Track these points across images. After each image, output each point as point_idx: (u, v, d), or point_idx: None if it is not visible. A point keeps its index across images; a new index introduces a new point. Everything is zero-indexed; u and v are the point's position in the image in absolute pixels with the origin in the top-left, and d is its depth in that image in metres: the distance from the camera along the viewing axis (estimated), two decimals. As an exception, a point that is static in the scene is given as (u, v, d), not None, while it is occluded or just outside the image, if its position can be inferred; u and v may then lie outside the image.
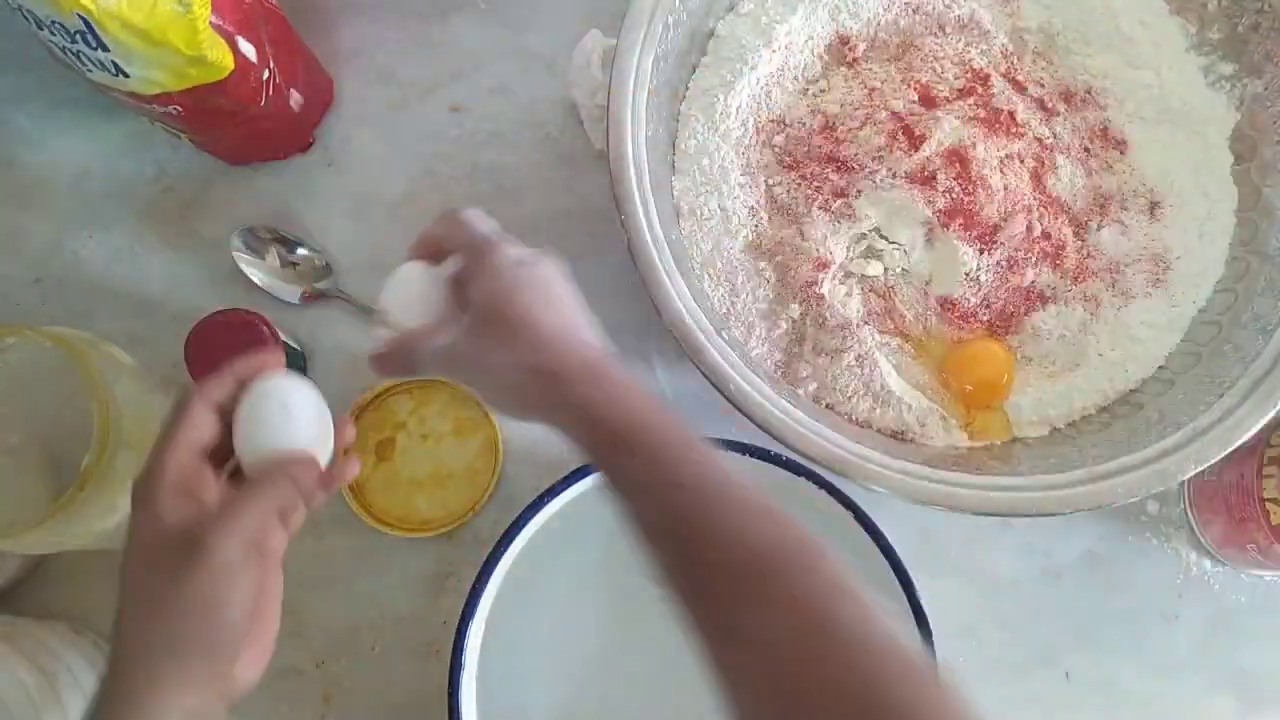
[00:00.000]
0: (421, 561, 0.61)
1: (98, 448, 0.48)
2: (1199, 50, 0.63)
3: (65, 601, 0.60)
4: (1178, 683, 0.63)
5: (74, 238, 0.65)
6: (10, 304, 0.64)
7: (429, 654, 0.60)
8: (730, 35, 0.61)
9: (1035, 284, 0.60)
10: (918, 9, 0.63)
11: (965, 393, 0.59)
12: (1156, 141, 0.63)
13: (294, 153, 0.66)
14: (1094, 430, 0.58)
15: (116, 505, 0.50)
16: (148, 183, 0.66)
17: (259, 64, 0.57)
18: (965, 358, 0.59)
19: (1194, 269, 0.60)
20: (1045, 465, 0.54)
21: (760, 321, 0.59)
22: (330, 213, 0.66)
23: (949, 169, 0.58)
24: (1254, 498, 0.57)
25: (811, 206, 0.59)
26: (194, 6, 0.49)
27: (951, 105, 0.60)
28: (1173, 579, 0.64)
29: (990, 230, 0.58)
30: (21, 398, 0.57)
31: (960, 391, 0.59)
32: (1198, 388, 0.56)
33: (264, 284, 0.63)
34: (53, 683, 0.52)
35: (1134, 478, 0.52)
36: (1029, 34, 0.64)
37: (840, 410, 0.58)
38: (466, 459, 0.62)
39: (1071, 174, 0.61)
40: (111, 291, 0.64)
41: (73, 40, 0.49)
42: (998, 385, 0.59)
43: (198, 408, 0.40)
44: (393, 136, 0.67)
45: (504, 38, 0.68)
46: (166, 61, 0.51)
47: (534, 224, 0.66)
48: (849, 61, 0.63)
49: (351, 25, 0.68)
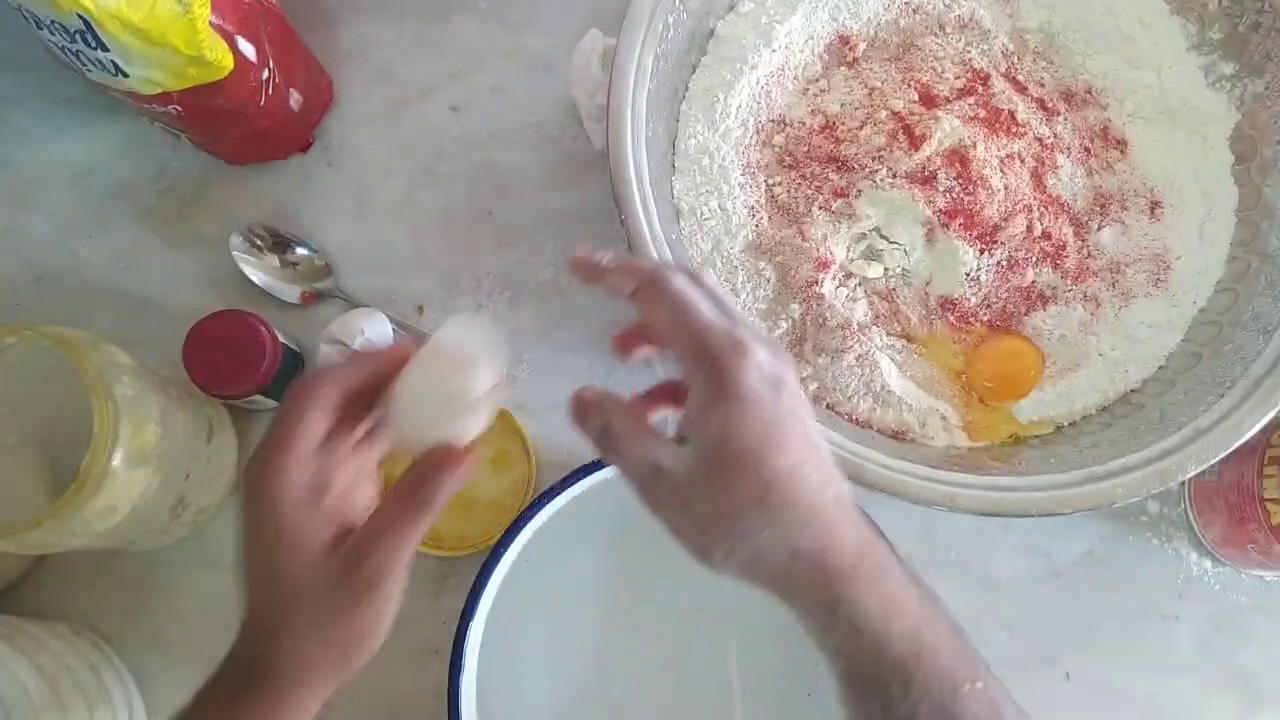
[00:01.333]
0: (421, 562, 0.61)
1: (97, 448, 0.47)
2: (1199, 50, 0.63)
3: (64, 601, 0.60)
4: (1178, 683, 0.63)
5: (74, 238, 0.65)
6: (10, 304, 0.64)
7: (429, 654, 0.60)
8: (730, 35, 0.61)
9: (1036, 284, 0.60)
10: (918, 9, 0.63)
11: (985, 388, 0.59)
12: (1157, 141, 0.62)
13: (294, 153, 0.66)
14: (1094, 430, 0.58)
15: (116, 505, 0.50)
16: (147, 183, 0.66)
17: (258, 64, 0.57)
18: (998, 352, 0.59)
19: (1194, 269, 0.60)
20: (1046, 465, 0.54)
21: (760, 321, 0.59)
22: (330, 213, 0.66)
23: (949, 169, 0.58)
24: (1254, 498, 0.57)
25: (811, 206, 0.58)
26: (194, 6, 0.49)
27: (952, 105, 0.60)
28: (1173, 579, 0.64)
29: (990, 230, 0.58)
30: (21, 398, 0.57)
31: (980, 386, 0.59)
32: (1198, 387, 0.56)
33: (263, 284, 0.63)
34: (52, 683, 0.52)
35: (1134, 478, 0.52)
36: (1029, 34, 0.64)
37: (841, 410, 0.58)
38: (496, 493, 0.61)
39: (1072, 174, 0.61)
40: (111, 291, 0.64)
41: (72, 40, 0.49)
42: (1023, 382, 0.59)
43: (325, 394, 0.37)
44: (393, 136, 0.67)
45: (504, 38, 0.68)
46: (166, 61, 0.51)
47: (534, 224, 0.66)
48: (849, 61, 0.63)
49: (351, 25, 0.68)
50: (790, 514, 0.34)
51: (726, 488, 0.34)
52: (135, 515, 0.52)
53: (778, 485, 0.34)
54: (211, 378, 0.57)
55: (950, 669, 0.34)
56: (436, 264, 0.65)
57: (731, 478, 0.34)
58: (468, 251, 0.65)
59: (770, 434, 0.34)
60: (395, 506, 0.37)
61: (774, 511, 0.34)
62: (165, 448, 0.52)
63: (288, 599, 0.36)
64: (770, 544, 0.34)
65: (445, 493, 0.37)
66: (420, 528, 0.36)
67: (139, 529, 0.54)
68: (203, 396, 0.58)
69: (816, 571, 0.34)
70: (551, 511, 0.53)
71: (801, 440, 0.35)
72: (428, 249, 0.66)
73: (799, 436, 0.35)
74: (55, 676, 0.53)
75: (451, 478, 0.37)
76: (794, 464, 0.34)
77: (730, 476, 0.34)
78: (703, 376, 0.35)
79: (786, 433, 0.34)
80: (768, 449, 0.34)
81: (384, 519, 0.36)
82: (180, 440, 0.54)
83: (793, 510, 0.34)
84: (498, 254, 0.66)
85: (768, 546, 0.34)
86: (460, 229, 0.66)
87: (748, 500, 0.34)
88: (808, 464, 0.34)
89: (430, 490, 0.36)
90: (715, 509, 0.34)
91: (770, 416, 0.34)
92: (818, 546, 0.34)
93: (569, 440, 0.63)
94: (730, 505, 0.34)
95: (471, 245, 0.66)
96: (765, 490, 0.34)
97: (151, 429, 0.51)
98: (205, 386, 0.57)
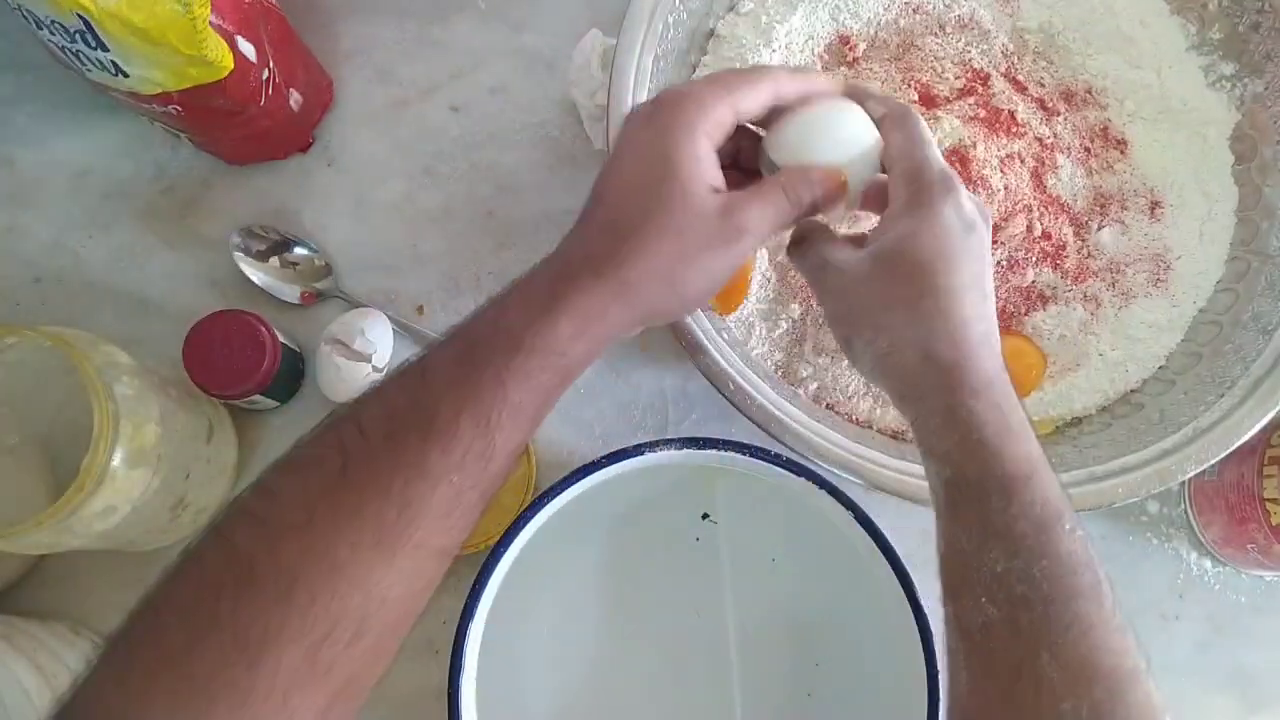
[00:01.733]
0: (421, 561, 0.61)
1: (97, 448, 0.47)
2: (1199, 50, 0.63)
3: (64, 602, 0.60)
4: (1178, 683, 0.63)
5: (74, 238, 0.65)
6: (10, 304, 0.64)
7: (429, 654, 0.60)
8: (730, 35, 0.61)
9: (1036, 284, 0.60)
10: (918, 9, 0.63)
11: None
12: (1157, 141, 0.62)
13: (294, 152, 0.66)
14: (1094, 430, 0.58)
15: (116, 505, 0.50)
16: (147, 183, 0.66)
17: (258, 64, 0.57)
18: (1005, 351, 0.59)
19: (1194, 269, 0.60)
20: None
21: (760, 322, 0.59)
22: (330, 213, 0.66)
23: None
24: (1254, 498, 0.57)
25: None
26: (194, 6, 0.49)
27: (952, 105, 0.60)
28: (1173, 579, 0.64)
29: (990, 230, 0.58)
30: (21, 397, 0.57)
31: None
32: (1198, 387, 0.56)
33: (263, 284, 0.63)
34: (51, 683, 0.52)
35: (1134, 478, 0.52)
36: (1029, 34, 0.64)
37: (840, 410, 0.58)
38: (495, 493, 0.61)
39: (1072, 174, 0.61)
40: (111, 291, 0.64)
41: (72, 40, 0.49)
42: (1025, 381, 0.59)
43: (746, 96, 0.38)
44: (393, 136, 0.67)
45: (504, 38, 0.68)
46: (166, 61, 0.51)
47: (534, 224, 0.66)
48: (849, 61, 0.63)
49: (351, 25, 0.68)
50: (936, 323, 0.37)
51: (887, 284, 0.37)
52: (135, 515, 0.52)
53: (935, 295, 0.37)
54: (211, 378, 0.57)
55: (1056, 501, 0.35)
56: (436, 264, 0.65)
57: (895, 277, 0.37)
58: (468, 251, 0.65)
59: (945, 256, 0.37)
60: (771, 188, 0.38)
61: (922, 316, 0.37)
62: (165, 448, 0.52)
63: (662, 213, 0.36)
64: (909, 342, 0.37)
65: (812, 200, 0.38)
66: (785, 214, 0.38)
67: (139, 529, 0.54)
68: (203, 396, 0.58)
69: (945, 377, 0.36)
70: (551, 511, 0.53)
71: (971, 276, 0.37)
72: (428, 249, 0.66)
73: (969, 271, 0.37)
74: (55, 676, 0.53)
75: (823, 192, 0.38)
76: (957, 287, 0.37)
77: (894, 276, 0.37)
78: (906, 195, 0.38)
79: (959, 263, 0.37)
80: (938, 265, 0.37)
81: (763, 189, 0.38)
82: (180, 440, 0.54)
83: (941, 321, 0.36)
84: (498, 254, 0.66)
85: (906, 344, 0.37)
86: (460, 229, 0.66)
87: (902, 299, 0.37)
88: (970, 297, 0.37)
89: (803, 191, 0.38)
90: (870, 300, 0.38)
91: (951, 244, 0.37)
92: (952, 358, 0.36)
93: (569, 440, 0.63)
94: (885, 298, 0.37)
95: (471, 245, 0.66)
96: (920, 296, 0.37)
97: (151, 429, 0.51)
98: (205, 387, 0.57)
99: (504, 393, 0.34)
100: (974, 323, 0.37)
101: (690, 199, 0.36)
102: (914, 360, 0.37)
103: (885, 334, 0.38)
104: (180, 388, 0.56)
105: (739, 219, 0.37)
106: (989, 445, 0.36)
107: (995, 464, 0.35)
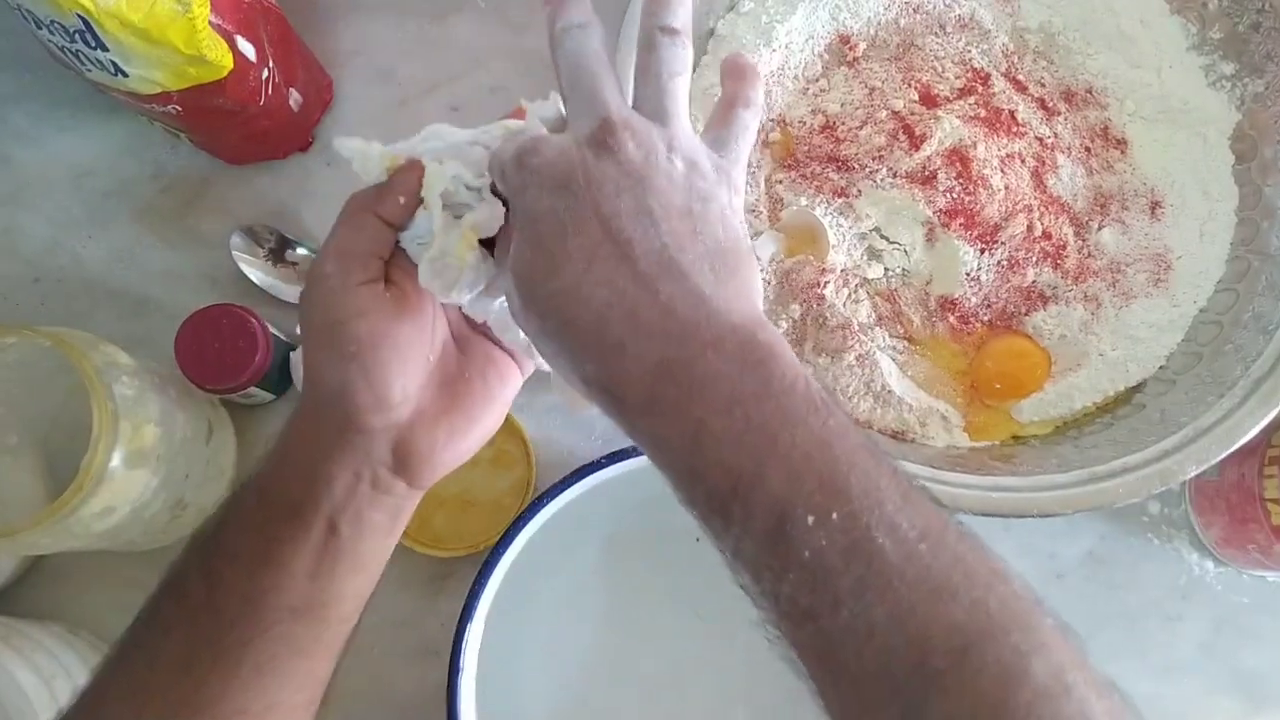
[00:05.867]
0: (420, 562, 0.61)
1: (97, 448, 0.47)
2: (1200, 50, 0.63)
3: (62, 602, 0.60)
4: (1180, 683, 0.63)
5: (73, 237, 0.65)
6: (10, 304, 0.64)
7: (428, 654, 0.60)
8: (730, 35, 0.61)
9: (1036, 284, 0.60)
10: (918, 8, 0.63)
11: (994, 389, 0.59)
12: (1157, 141, 0.62)
13: (293, 152, 0.66)
14: (1095, 430, 0.58)
15: (115, 506, 0.50)
16: (147, 182, 0.66)
17: (258, 63, 0.57)
18: (1004, 352, 0.59)
19: (1195, 269, 0.60)
20: (1046, 466, 0.54)
21: (760, 321, 0.59)
22: (330, 213, 0.65)
23: (949, 168, 0.58)
24: (1255, 498, 0.57)
25: (812, 206, 0.58)
26: (193, 6, 0.49)
27: (952, 105, 0.60)
28: (1175, 580, 0.64)
29: (991, 230, 0.58)
30: (21, 398, 0.57)
31: (988, 385, 0.59)
32: (1199, 387, 0.56)
33: (263, 284, 0.63)
34: (49, 683, 0.52)
35: (1135, 478, 0.52)
36: (1029, 33, 0.64)
37: (841, 410, 0.58)
38: (495, 493, 0.61)
39: (1072, 173, 0.61)
40: (111, 291, 0.64)
41: (72, 39, 0.49)
42: (1030, 381, 0.59)
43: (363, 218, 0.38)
44: (393, 136, 0.67)
45: (504, 38, 0.68)
46: (165, 61, 0.51)
47: (534, 224, 0.66)
48: (849, 61, 0.63)
49: (351, 25, 0.68)
50: (567, 340, 0.30)
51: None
52: (134, 516, 0.51)
53: (549, 315, 0.30)
54: (204, 372, 0.57)
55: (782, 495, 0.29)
56: (436, 264, 0.65)
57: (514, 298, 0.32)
58: (467, 251, 0.65)
59: (538, 256, 0.30)
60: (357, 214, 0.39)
61: (550, 339, 0.31)
62: (165, 448, 0.52)
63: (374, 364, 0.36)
64: (563, 370, 0.32)
65: (395, 193, 0.39)
66: (350, 214, 0.39)
67: (138, 530, 0.54)
68: (202, 397, 0.58)
69: (612, 404, 0.30)
70: (551, 512, 0.53)
71: (583, 250, 0.30)
72: (427, 249, 0.65)
73: (582, 244, 0.30)
74: (52, 677, 0.52)
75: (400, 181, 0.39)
76: (565, 288, 0.30)
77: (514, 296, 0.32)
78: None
79: (565, 245, 0.30)
80: (535, 272, 0.30)
81: (351, 221, 0.40)
82: (180, 440, 0.54)
83: (571, 336, 0.30)
84: (497, 254, 0.65)
85: (563, 372, 0.32)
86: (460, 229, 0.66)
87: (527, 329, 0.32)
88: (587, 280, 0.29)
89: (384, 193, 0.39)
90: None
91: (541, 232, 0.31)
92: (604, 375, 0.30)
93: (569, 440, 0.63)
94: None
95: (471, 245, 0.65)
96: (541, 319, 0.31)
97: (151, 429, 0.51)
98: (199, 381, 0.57)
99: None
100: (606, 312, 0.32)
101: (380, 325, 0.36)
102: (581, 388, 0.34)
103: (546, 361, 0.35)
104: (180, 388, 0.56)
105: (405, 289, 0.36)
106: (686, 469, 0.32)
107: (700, 482, 0.31)
